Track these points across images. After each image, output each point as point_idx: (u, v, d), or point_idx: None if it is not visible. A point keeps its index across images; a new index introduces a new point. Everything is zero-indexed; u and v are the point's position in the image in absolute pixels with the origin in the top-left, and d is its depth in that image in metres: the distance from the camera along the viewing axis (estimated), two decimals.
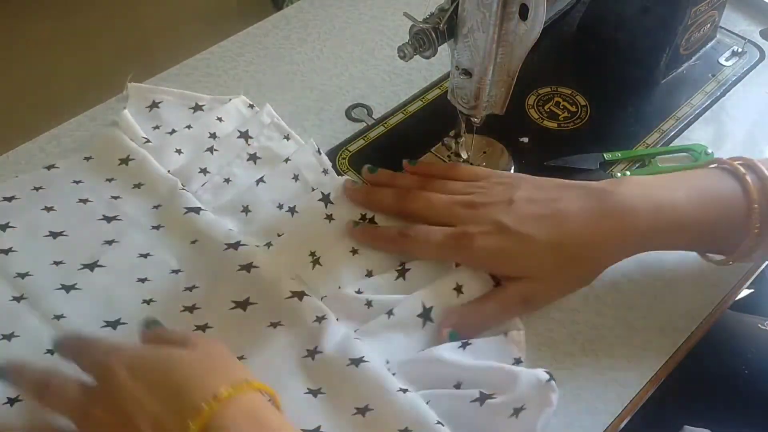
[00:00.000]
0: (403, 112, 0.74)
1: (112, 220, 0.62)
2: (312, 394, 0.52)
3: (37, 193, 0.64)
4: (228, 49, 0.80)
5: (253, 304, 0.56)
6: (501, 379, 0.51)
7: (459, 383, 0.52)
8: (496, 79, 0.55)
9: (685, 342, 0.57)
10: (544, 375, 0.50)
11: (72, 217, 0.62)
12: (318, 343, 0.54)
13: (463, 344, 0.53)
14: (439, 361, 0.52)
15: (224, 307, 0.56)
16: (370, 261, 0.59)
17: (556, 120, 0.72)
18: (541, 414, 0.49)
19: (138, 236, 0.61)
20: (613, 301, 0.59)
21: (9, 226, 0.61)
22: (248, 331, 0.55)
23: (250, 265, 0.57)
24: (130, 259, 0.59)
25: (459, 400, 0.50)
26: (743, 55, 0.79)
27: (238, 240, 0.59)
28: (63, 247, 0.60)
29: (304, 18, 0.84)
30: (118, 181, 0.65)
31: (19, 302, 0.56)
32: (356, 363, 0.52)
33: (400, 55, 0.55)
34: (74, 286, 0.57)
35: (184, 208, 0.62)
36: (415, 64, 0.77)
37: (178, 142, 0.68)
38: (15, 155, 0.69)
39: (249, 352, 0.53)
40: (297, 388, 0.52)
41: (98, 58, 1.72)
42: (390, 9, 0.85)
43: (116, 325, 0.55)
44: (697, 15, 0.72)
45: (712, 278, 0.61)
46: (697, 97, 0.75)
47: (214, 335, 0.55)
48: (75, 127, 0.72)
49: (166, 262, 0.60)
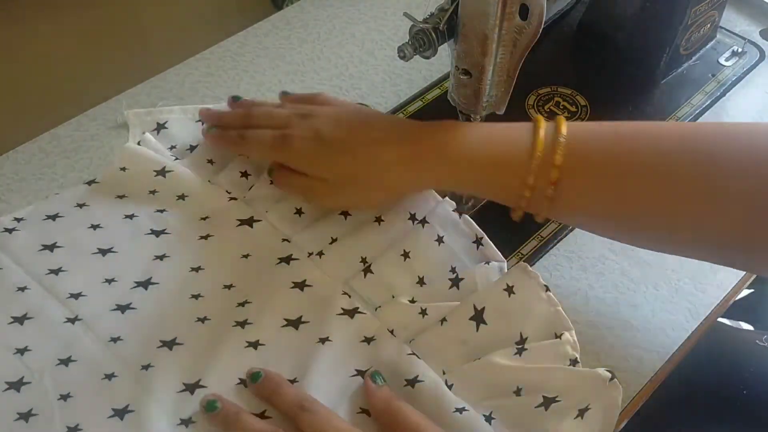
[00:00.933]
0: (403, 112, 0.74)
1: (161, 234, 0.61)
2: (366, 414, 0.51)
3: (81, 209, 0.62)
4: (228, 49, 0.80)
5: (305, 322, 0.55)
6: (562, 381, 0.50)
7: (519, 389, 0.51)
8: (496, 79, 0.55)
9: (686, 342, 0.57)
10: (606, 374, 0.50)
11: (119, 234, 0.61)
12: (369, 363, 0.53)
13: (519, 351, 0.52)
14: (497, 368, 0.52)
15: (276, 325, 0.55)
16: (422, 266, 0.58)
17: None
18: (606, 414, 0.49)
19: (188, 250, 0.60)
20: (613, 301, 0.59)
21: (56, 245, 0.60)
22: (299, 349, 0.54)
23: (303, 284, 0.57)
24: (182, 273, 0.58)
25: (523, 407, 0.50)
26: (743, 55, 0.79)
27: (290, 254, 0.58)
28: (114, 265, 0.59)
29: (304, 18, 0.84)
30: (160, 194, 0.63)
31: (74, 324, 0.55)
32: (412, 384, 0.51)
33: (400, 55, 0.55)
34: (129, 306, 0.56)
35: (237, 220, 0.61)
36: (415, 64, 0.77)
37: (207, 153, 0.66)
38: (15, 155, 0.69)
39: (300, 373, 0.52)
40: (349, 407, 0.51)
41: (98, 57, 1.71)
42: (390, 9, 0.86)
43: (172, 345, 0.54)
44: (697, 15, 0.72)
45: (712, 278, 0.61)
46: (697, 97, 0.75)
47: (266, 353, 0.54)
48: (75, 127, 0.72)
49: (218, 276, 0.58)
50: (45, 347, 0.54)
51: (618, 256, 0.62)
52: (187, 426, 0.50)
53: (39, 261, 0.59)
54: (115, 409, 0.51)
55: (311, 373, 0.52)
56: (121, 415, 0.50)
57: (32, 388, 0.52)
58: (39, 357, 0.53)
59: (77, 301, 0.56)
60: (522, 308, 0.54)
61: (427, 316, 0.55)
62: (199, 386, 0.52)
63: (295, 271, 0.58)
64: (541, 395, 0.50)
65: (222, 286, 0.58)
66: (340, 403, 0.51)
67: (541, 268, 0.61)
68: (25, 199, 0.65)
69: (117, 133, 0.71)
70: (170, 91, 0.75)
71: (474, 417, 0.49)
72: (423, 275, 0.58)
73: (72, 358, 0.53)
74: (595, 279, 0.61)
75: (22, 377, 0.52)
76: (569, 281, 0.61)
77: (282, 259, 0.59)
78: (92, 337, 0.54)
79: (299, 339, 0.55)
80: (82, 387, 0.52)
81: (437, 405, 0.50)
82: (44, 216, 0.62)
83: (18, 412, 0.50)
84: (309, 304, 0.56)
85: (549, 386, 0.51)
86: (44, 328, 0.55)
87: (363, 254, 0.59)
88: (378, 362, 0.53)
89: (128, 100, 0.74)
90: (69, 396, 0.51)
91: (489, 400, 0.51)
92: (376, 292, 0.57)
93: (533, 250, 0.62)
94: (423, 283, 0.58)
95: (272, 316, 0.56)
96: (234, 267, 0.59)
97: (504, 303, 0.54)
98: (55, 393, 0.51)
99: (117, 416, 0.50)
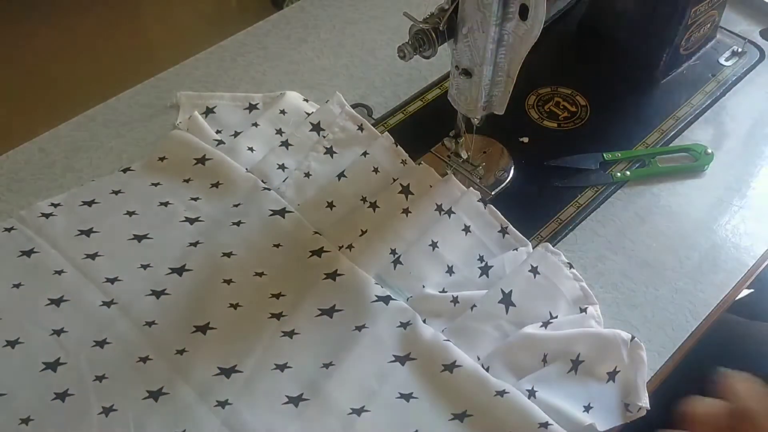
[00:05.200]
0: (403, 112, 0.73)
1: (195, 221, 0.62)
2: (405, 399, 0.52)
3: (117, 196, 0.64)
4: (228, 49, 0.80)
5: (339, 311, 0.56)
6: (584, 343, 0.52)
7: (545, 355, 0.53)
8: (496, 79, 0.55)
9: (686, 341, 0.57)
10: (627, 335, 0.52)
11: (154, 220, 0.62)
12: (407, 349, 0.54)
13: (545, 324, 0.54)
14: (526, 341, 0.53)
15: (311, 314, 0.56)
16: (450, 255, 0.59)
17: (556, 120, 0.72)
18: (638, 373, 0.51)
19: (220, 235, 0.61)
20: (613, 301, 0.59)
21: (93, 231, 0.61)
22: (335, 337, 0.55)
23: (335, 273, 0.58)
24: (214, 259, 0.59)
25: (558, 375, 0.52)
26: (743, 55, 0.79)
27: (321, 246, 0.59)
28: (149, 251, 0.60)
29: (304, 18, 0.84)
30: (195, 182, 0.65)
31: (110, 307, 0.56)
32: (450, 369, 0.52)
33: (400, 55, 0.55)
34: (164, 292, 0.57)
35: (269, 210, 0.62)
36: (415, 64, 0.77)
37: (248, 140, 0.68)
38: (15, 155, 0.69)
39: (336, 358, 0.53)
40: (388, 392, 0.52)
41: (98, 58, 1.72)
42: (390, 9, 0.85)
43: (206, 330, 0.55)
44: (697, 15, 0.72)
45: (712, 278, 0.61)
46: (697, 97, 0.75)
47: (302, 341, 0.54)
48: (75, 127, 0.72)
49: (249, 262, 0.59)
50: (81, 329, 0.55)
51: (618, 256, 0.62)
52: (224, 407, 0.51)
53: (76, 246, 0.60)
54: (149, 390, 0.52)
55: (348, 359, 0.53)
56: (155, 396, 0.52)
57: (68, 369, 0.53)
58: (75, 338, 0.55)
59: (113, 285, 0.58)
60: (548, 287, 0.56)
61: (458, 305, 0.56)
62: (235, 371, 0.53)
63: (327, 263, 0.58)
64: (569, 359, 0.52)
65: (253, 273, 0.59)
66: (378, 388, 0.52)
67: None
68: (25, 199, 0.65)
69: (117, 133, 0.71)
70: (170, 91, 0.75)
71: (517, 397, 0.50)
72: (452, 264, 0.59)
73: (107, 341, 0.54)
74: (595, 279, 0.61)
75: (58, 358, 0.54)
76: None
77: (314, 252, 0.59)
78: (127, 321, 0.55)
79: (334, 327, 0.55)
80: (117, 369, 0.53)
81: (479, 389, 0.51)
82: (80, 202, 0.63)
83: (55, 392, 0.52)
84: (342, 294, 0.57)
85: (572, 350, 0.52)
86: (80, 310, 0.56)
87: (392, 246, 0.59)
88: (414, 348, 0.54)
89: (128, 99, 0.74)
90: (104, 377, 0.53)
91: (526, 376, 0.52)
92: (406, 283, 0.58)
93: None
94: (452, 272, 0.59)
95: (306, 307, 0.56)
96: (265, 255, 0.60)
97: (530, 284, 0.56)
98: (90, 374, 0.53)
99: (152, 398, 0.51)
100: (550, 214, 0.64)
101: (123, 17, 1.86)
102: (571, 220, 0.64)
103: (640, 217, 0.65)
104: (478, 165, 0.66)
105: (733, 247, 0.63)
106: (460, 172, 0.67)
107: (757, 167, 0.69)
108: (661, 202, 0.66)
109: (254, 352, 0.54)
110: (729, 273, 0.61)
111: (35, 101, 1.62)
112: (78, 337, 0.55)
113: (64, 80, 1.67)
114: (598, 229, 0.64)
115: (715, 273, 0.61)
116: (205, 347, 0.54)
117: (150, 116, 0.73)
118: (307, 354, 0.54)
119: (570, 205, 0.65)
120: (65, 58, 1.74)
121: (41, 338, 0.54)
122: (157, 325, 0.55)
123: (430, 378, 0.52)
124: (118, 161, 0.69)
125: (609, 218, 0.65)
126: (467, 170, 0.67)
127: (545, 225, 0.63)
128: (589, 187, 0.66)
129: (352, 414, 0.51)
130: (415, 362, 0.53)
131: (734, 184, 0.68)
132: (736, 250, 0.63)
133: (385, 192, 0.63)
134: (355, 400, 0.51)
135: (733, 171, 0.69)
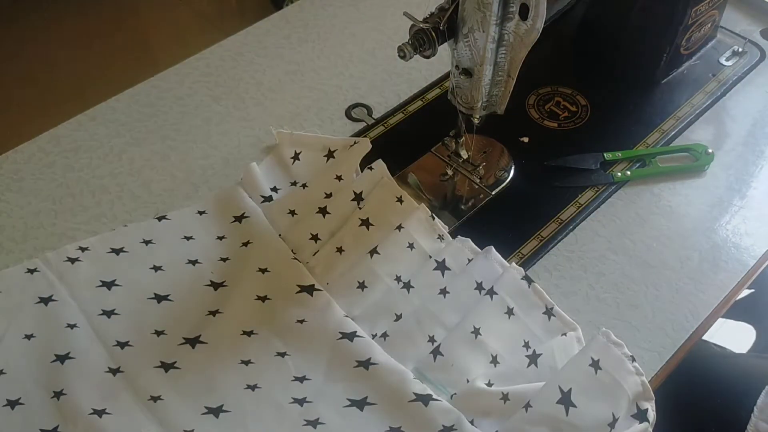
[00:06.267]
0: (403, 112, 0.73)
1: (219, 287, 0.59)
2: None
3: (146, 247, 0.61)
4: (228, 49, 0.80)
5: (372, 404, 0.51)
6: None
7: None
8: (496, 78, 0.55)
9: (686, 342, 0.57)
10: None
11: (179, 280, 0.59)
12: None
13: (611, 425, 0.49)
14: None
15: (338, 404, 0.52)
16: (495, 342, 0.54)
17: (556, 120, 0.72)
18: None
19: (243, 311, 0.57)
20: (613, 301, 0.59)
21: (115, 283, 0.59)
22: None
23: (369, 362, 0.53)
24: (232, 335, 0.56)
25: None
26: (744, 54, 0.79)
27: (354, 330, 0.55)
28: (166, 315, 0.57)
29: (304, 18, 0.84)
30: (228, 240, 0.62)
31: (115, 375, 0.53)
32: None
33: (400, 55, 0.55)
34: (173, 365, 0.54)
35: (297, 286, 0.58)
36: (415, 64, 0.77)
37: (291, 203, 0.63)
38: (15, 155, 0.69)
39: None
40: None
41: (98, 57, 1.72)
42: (390, 9, 0.85)
43: (218, 412, 0.51)
44: (697, 15, 0.72)
45: (712, 278, 0.61)
46: (698, 97, 0.75)
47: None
48: (75, 127, 0.72)
49: (271, 342, 0.55)
50: (81, 394, 0.52)
51: (618, 256, 0.62)
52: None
53: (94, 298, 0.57)
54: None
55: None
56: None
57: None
58: (73, 404, 0.51)
59: (122, 350, 0.55)
60: (611, 385, 0.50)
61: (509, 402, 0.50)
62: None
63: (359, 349, 0.54)
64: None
65: (275, 353, 0.55)
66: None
67: (541, 268, 0.61)
68: (25, 199, 0.65)
69: (116, 133, 0.71)
70: (170, 91, 0.75)
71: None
72: (496, 354, 0.54)
73: (107, 411, 0.51)
74: (595, 279, 0.61)
75: (56, 426, 0.51)
76: (569, 281, 0.61)
77: (344, 334, 0.54)
78: (132, 393, 0.52)
79: (365, 422, 0.51)
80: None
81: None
82: (109, 249, 0.61)
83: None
84: (375, 385, 0.52)
85: None
86: (83, 373, 0.53)
87: (430, 333, 0.55)
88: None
89: (128, 99, 0.74)
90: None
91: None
92: (448, 378, 0.53)
93: (533, 250, 0.62)
94: (497, 362, 0.54)
95: (334, 395, 0.52)
96: (289, 335, 0.56)
97: (591, 380, 0.49)
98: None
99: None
100: (550, 214, 0.64)
101: (123, 17, 1.86)
102: (572, 220, 0.64)
103: (641, 217, 0.65)
104: (478, 165, 0.66)
105: (733, 247, 0.63)
106: (461, 172, 0.67)
107: (758, 167, 0.69)
108: (661, 202, 0.66)
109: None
110: (729, 273, 0.61)
111: (35, 101, 1.62)
112: (77, 403, 0.51)
113: (64, 80, 1.67)
114: (599, 229, 0.64)
115: (716, 273, 0.61)
116: (216, 431, 0.50)
117: (150, 116, 0.73)
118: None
119: (570, 205, 0.65)
120: (65, 58, 1.74)
121: (42, 400, 0.52)
122: (163, 400, 0.52)
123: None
124: (118, 161, 0.69)
125: (609, 218, 0.65)
126: (467, 170, 0.67)
127: (545, 225, 0.63)
128: (590, 187, 0.66)
129: None
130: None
131: (735, 184, 0.68)
132: (736, 250, 0.63)
133: (421, 270, 0.59)
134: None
135: (733, 171, 0.69)
